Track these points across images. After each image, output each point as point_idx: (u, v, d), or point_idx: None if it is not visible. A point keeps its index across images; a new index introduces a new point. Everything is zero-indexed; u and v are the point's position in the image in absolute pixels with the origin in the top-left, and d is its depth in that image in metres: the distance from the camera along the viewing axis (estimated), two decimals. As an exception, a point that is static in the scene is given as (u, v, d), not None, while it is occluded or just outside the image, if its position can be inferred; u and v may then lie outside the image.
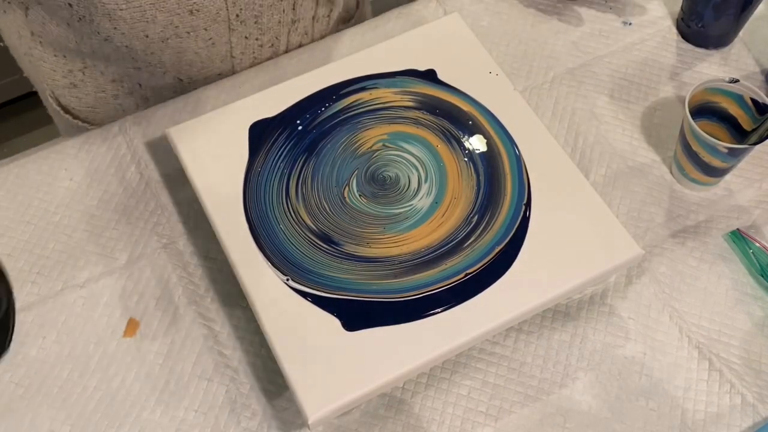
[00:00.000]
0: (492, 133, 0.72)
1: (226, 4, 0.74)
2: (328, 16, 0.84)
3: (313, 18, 0.83)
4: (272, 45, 0.82)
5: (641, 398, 0.65)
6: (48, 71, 0.82)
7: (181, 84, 0.82)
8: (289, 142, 0.71)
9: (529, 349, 0.67)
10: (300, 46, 0.84)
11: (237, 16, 0.75)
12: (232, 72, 0.82)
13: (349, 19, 0.92)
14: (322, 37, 0.85)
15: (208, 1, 0.72)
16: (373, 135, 0.72)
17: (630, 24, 0.85)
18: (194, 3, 0.72)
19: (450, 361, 0.67)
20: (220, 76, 0.82)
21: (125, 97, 0.84)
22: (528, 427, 0.64)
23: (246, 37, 0.79)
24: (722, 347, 0.68)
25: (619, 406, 0.65)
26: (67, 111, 0.86)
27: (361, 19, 0.92)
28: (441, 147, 0.71)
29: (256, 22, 0.78)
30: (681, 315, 0.69)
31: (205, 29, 0.75)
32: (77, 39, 0.75)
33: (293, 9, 0.79)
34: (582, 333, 0.68)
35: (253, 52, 0.81)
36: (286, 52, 0.84)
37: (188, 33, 0.75)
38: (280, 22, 0.79)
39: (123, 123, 0.78)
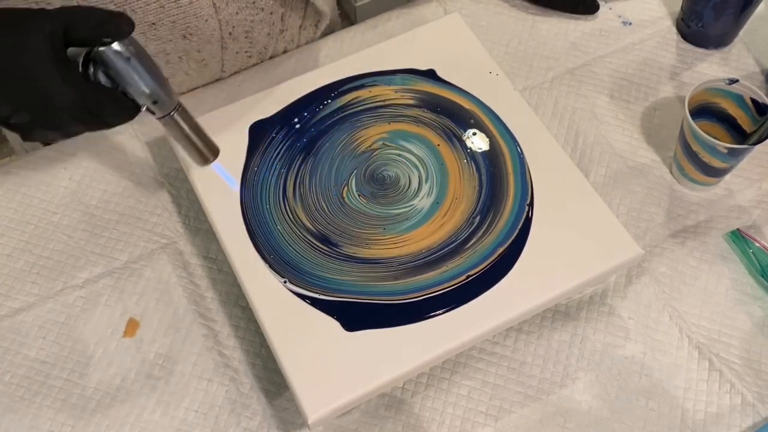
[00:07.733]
0: (494, 131, 0.71)
1: (220, 24, 0.72)
2: (315, 25, 0.84)
3: (300, 27, 0.82)
4: (260, 54, 0.81)
5: (641, 398, 0.65)
6: None
7: None
8: (287, 140, 0.71)
9: (529, 349, 0.67)
10: (285, 52, 0.83)
11: (230, 33, 0.75)
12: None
13: (331, 32, 0.91)
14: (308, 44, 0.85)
15: (202, 23, 0.71)
16: (372, 133, 0.72)
17: (630, 24, 0.85)
18: (187, 27, 0.71)
19: (450, 361, 0.67)
20: (204, 86, 0.81)
21: None
22: (528, 427, 0.64)
23: (237, 52, 0.78)
24: (722, 347, 0.68)
25: (619, 406, 0.65)
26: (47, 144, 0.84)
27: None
28: (442, 146, 0.71)
29: (246, 37, 0.77)
30: (681, 315, 0.69)
31: (198, 51, 0.74)
32: None
33: (282, 20, 0.79)
34: (582, 333, 0.68)
35: (242, 64, 0.81)
36: (271, 58, 0.83)
37: (180, 58, 0.74)
38: (269, 34, 0.79)
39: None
